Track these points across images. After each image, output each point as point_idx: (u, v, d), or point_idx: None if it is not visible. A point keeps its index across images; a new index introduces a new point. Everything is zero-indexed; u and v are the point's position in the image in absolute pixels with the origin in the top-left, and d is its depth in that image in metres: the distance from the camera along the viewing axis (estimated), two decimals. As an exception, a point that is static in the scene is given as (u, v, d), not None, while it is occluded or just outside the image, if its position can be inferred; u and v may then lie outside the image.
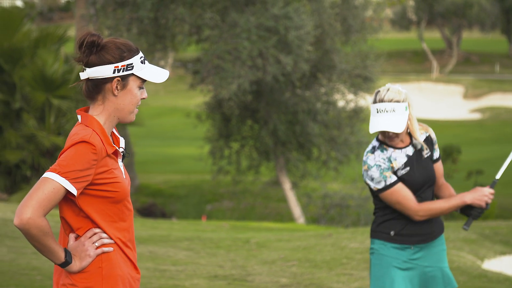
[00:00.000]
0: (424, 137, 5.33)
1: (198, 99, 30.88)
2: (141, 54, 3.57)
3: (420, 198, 5.26)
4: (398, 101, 5.14)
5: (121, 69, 3.52)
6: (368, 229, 15.50)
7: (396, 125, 5.13)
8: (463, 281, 9.67)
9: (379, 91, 5.18)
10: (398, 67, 63.54)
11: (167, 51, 25.00)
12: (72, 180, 3.38)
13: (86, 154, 3.41)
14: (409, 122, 5.27)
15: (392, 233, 5.31)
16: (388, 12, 62.10)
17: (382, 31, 27.86)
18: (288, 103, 24.02)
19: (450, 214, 27.43)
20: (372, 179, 5.22)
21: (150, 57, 24.32)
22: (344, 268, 10.55)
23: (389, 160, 5.23)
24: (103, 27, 24.26)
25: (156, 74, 3.59)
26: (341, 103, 25.21)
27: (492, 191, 5.25)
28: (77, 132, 3.47)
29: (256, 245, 12.78)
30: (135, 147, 32.47)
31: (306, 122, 23.93)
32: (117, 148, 3.57)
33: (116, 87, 3.53)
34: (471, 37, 72.21)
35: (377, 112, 5.13)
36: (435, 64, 62.79)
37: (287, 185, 24.85)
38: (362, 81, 24.77)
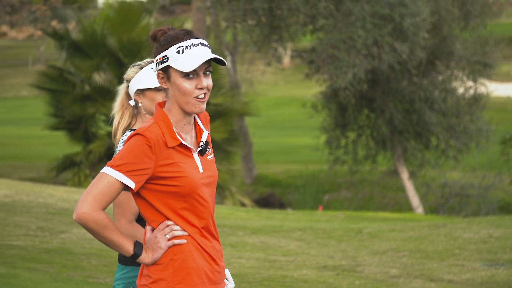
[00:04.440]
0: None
1: (315, 89, 30.82)
2: (180, 44, 3.44)
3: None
4: None
5: (159, 62, 3.49)
6: (486, 219, 15.06)
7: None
8: None
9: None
10: (523, 53, 61.74)
11: (283, 41, 25.01)
12: (127, 173, 3.39)
13: (140, 146, 3.41)
14: None
15: None
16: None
17: (505, 15, 27.10)
18: (404, 92, 23.70)
19: None
20: None
21: (267, 48, 24.41)
22: (456, 258, 10.34)
23: None
24: (220, 19, 24.52)
25: (190, 62, 3.43)
26: (460, 91, 24.70)
27: None
28: (140, 126, 3.48)
29: (368, 235, 12.67)
30: (254, 138, 32.68)
31: (423, 110, 23.56)
32: (182, 141, 3.50)
33: (162, 79, 3.51)
34: None
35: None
36: (562, 48, 60.74)
37: (405, 175, 24.53)
38: (482, 68, 24.21)
